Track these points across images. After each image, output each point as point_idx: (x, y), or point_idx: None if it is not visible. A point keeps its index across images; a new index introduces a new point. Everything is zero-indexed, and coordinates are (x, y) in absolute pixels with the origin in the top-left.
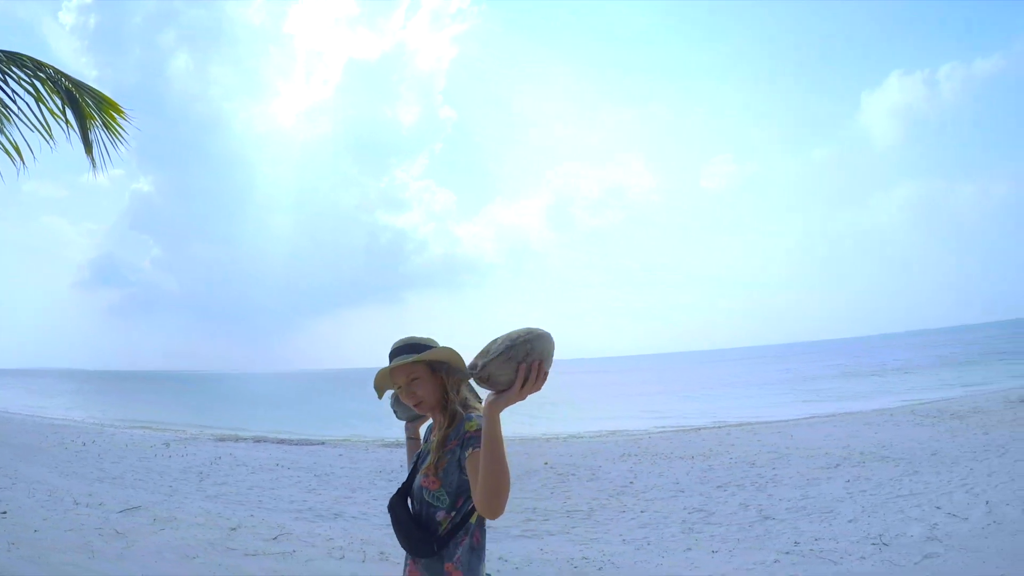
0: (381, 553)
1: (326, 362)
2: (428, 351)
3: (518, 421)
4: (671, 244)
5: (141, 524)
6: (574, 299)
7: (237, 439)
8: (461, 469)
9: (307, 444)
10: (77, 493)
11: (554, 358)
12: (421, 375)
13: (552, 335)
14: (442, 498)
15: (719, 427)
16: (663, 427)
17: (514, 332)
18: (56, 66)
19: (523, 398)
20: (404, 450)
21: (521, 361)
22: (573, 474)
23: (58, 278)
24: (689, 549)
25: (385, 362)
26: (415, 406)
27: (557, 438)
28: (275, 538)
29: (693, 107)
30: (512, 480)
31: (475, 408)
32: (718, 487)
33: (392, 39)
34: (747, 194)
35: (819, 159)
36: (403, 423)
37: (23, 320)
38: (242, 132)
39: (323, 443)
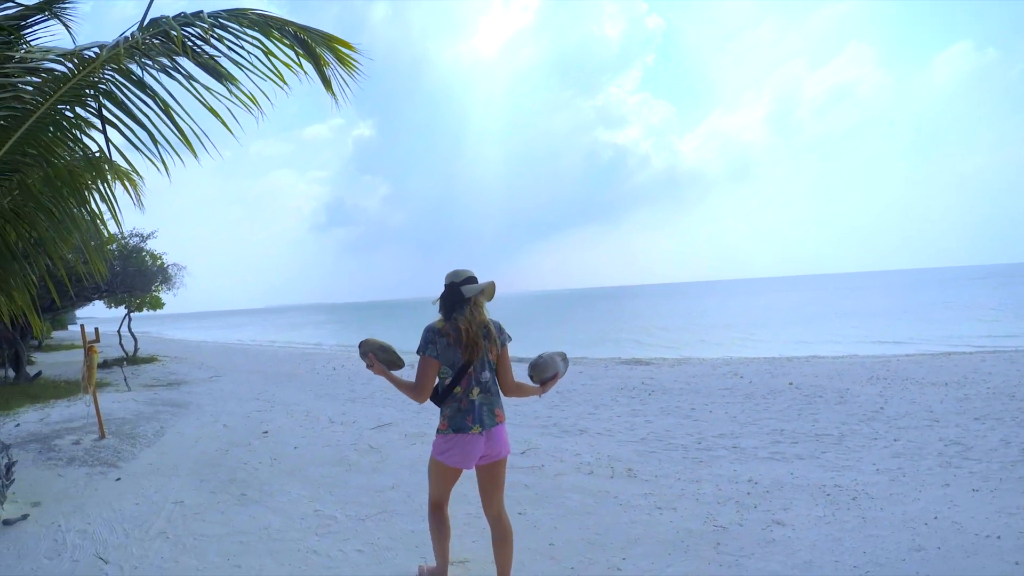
0: (629, 470)
1: (550, 284)
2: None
3: (759, 340)
4: (904, 147)
5: (393, 440)
6: (800, 211)
7: None
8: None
9: None
10: (331, 412)
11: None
12: None
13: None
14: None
15: (972, 352)
16: (909, 353)
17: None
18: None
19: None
20: (640, 368)
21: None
22: (820, 396)
23: (295, 225)
24: (947, 485)
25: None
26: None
27: (798, 358)
28: (523, 452)
29: None
30: (756, 399)
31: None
32: (975, 419)
33: None
34: (987, 85)
35: None
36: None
37: (268, 266)
38: (449, 69)
39: None
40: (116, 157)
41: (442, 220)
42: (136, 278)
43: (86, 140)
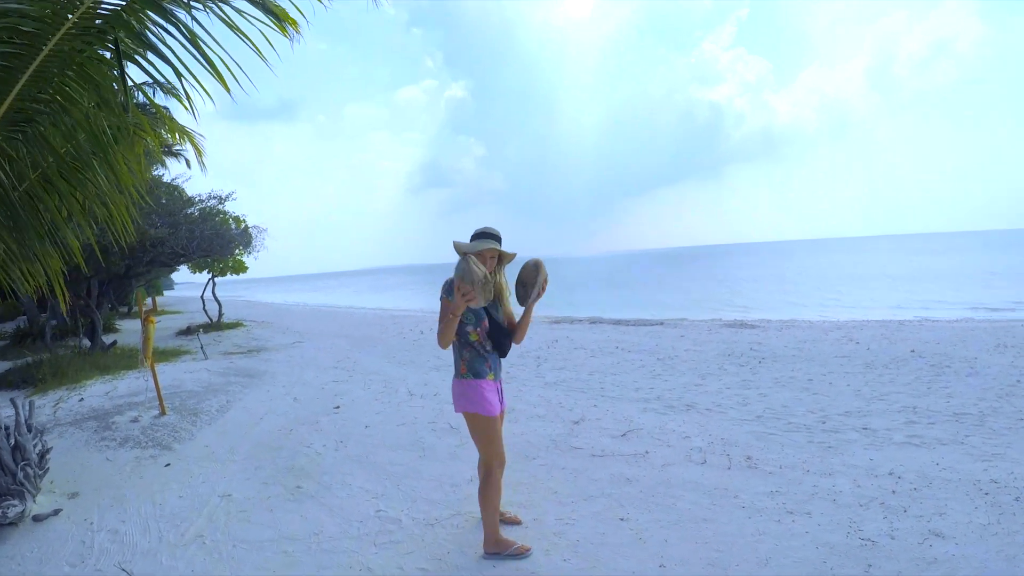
0: (748, 458)
1: (645, 242)
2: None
3: (867, 298)
4: (1008, 104)
5: None
6: (898, 168)
7: (572, 321)
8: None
9: (644, 325)
10: (412, 383)
11: None
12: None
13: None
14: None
15: None
16: None
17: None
18: None
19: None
20: (745, 331)
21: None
22: (948, 366)
23: (392, 187)
24: None
25: None
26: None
27: (910, 322)
28: (624, 435)
29: None
30: (878, 369)
31: None
32: None
33: None
34: None
35: None
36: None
37: (366, 228)
38: (540, 30)
39: (662, 323)
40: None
41: (537, 181)
42: (214, 241)
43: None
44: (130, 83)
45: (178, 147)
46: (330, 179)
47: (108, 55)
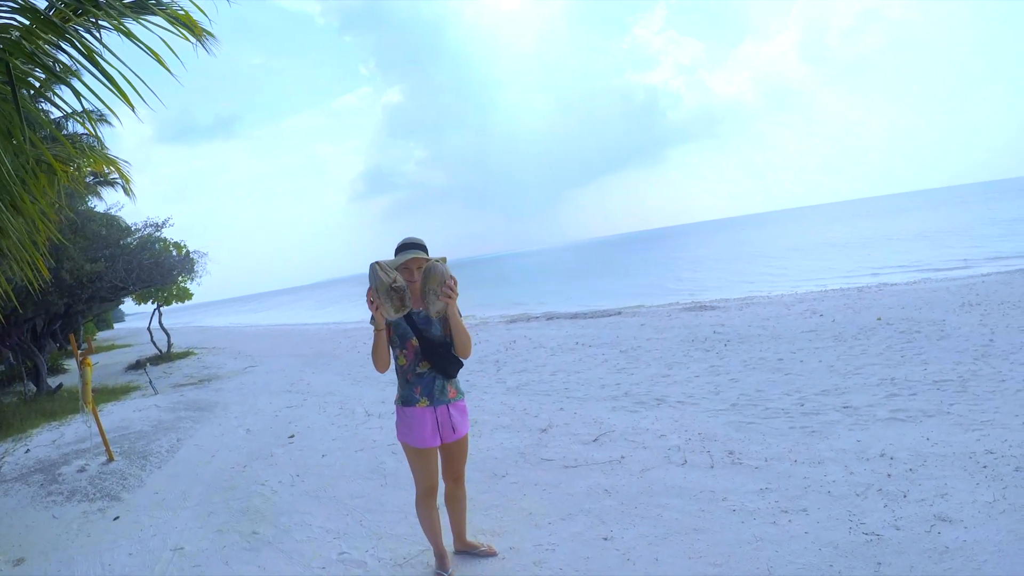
0: (730, 453)
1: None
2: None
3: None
4: (939, 67)
5: None
6: (837, 137)
7: (528, 319)
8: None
9: (603, 316)
10: (369, 401)
11: None
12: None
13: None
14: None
15: None
16: (986, 272)
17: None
18: None
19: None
20: (706, 313)
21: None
22: (917, 331)
23: (334, 196)
24: None
25: None
26: (415, 286)
27: (870, 288)
28: (595, 439)
29: None
30: (848, 341)
31: None
32: None
33: None
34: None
35: None
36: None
37: (313, 240)
38: (471, 24)
39: (619, 312)
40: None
41: (481, 178)
42: (153, 270)
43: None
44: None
45: (113, 176)
46: (273, 194)
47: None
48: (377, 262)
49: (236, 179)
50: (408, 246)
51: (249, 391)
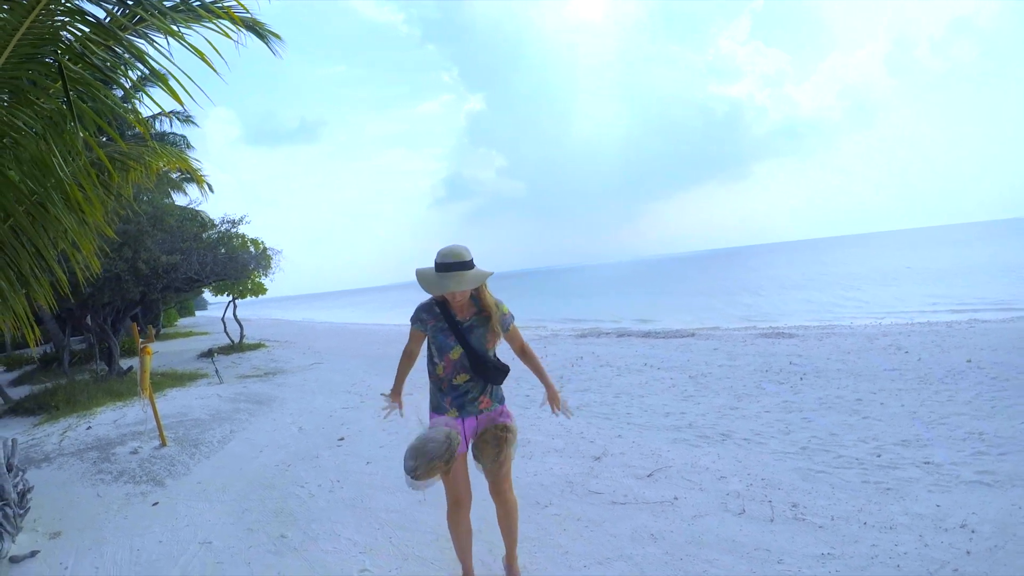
0: (794, 506)
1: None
2: (476, 270)
3: (907, 295)
4: None
5: None
6: (926, 156)
7: (599, 334)
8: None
9: (675, 336)
10: (424, 411)
11: None
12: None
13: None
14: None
15: None
16: None
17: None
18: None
19: None
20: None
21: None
22: (1009, 379)
23: (416, 200)
24: None
25: None
26: (452, 299)
27: (959, 324)
28: (650, 475)
29: None
30: (934, 384)
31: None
32: None
33: None
34: None
35: None
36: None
37: (392, 243)
38: (552, 36)
39: (693, 334)
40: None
41: (558, 188)
42: (227, 265)
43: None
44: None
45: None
46: (354, 197)
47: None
48: (447, 431)
49: (318, 181)
50: (452, 266)
51: (310, 388)
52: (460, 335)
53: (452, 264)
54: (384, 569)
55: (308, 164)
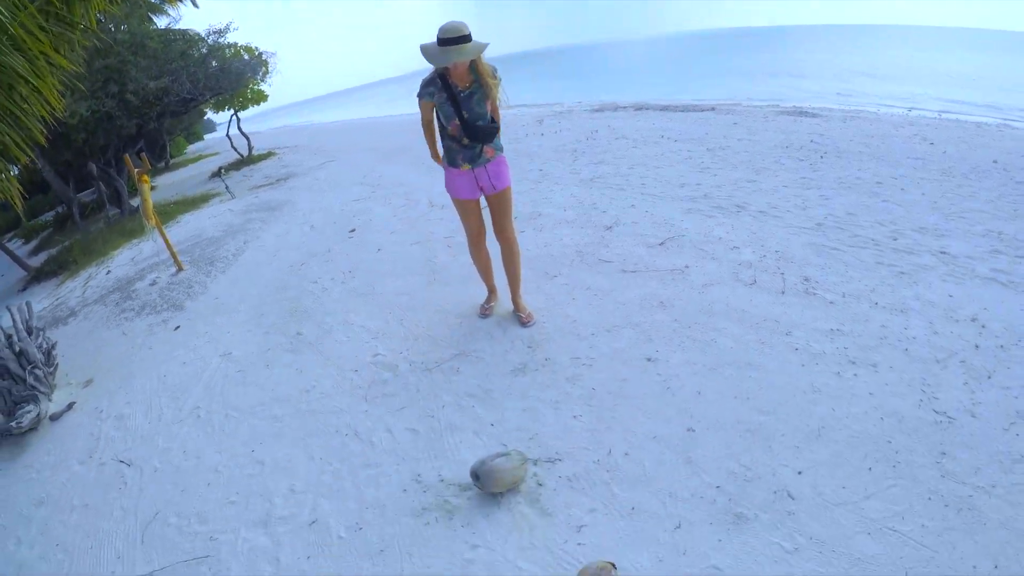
0: (806, 280)
1: (698, 23)
2: (474, 42)
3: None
4: None
5: None
6: None
7: (616, 108)
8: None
9: (694, 110)
10: (435, 192)
11: None
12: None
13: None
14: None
15: None
16: None
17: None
18: None
19: None
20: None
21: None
22: None
23: None
24: None
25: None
26: (454, 69)
27: (988, 126)
28: (662, 243)
29: None
30: (956, 178)
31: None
32: None
33: None
34: None
35: None
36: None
37: (391, 33)
38: None
39: (713, 108)
40: None
41: None
42: (220, 77)
43: None
44: None
45: None
46: None
47: None
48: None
49: None
50: (452, 40)
51: (322, 187)
52: (457, 106)
53: (453, 39)
54: (395, 352)
55: None
